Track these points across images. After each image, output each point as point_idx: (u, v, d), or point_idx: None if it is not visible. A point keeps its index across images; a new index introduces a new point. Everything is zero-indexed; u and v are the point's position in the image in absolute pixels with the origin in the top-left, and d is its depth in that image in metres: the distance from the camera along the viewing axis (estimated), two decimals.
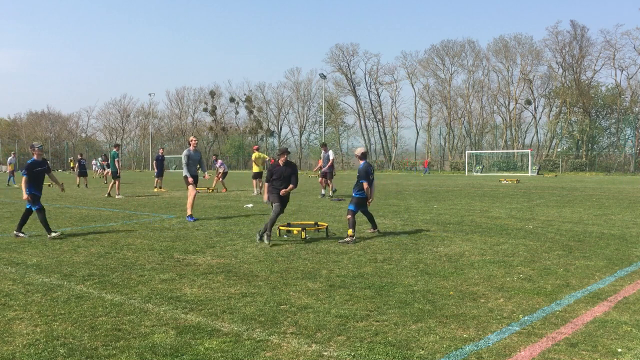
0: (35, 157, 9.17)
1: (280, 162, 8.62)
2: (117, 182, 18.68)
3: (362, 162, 8.95)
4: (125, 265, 6.70)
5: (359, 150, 9.17)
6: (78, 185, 25.54)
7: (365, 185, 8.76)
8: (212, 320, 4.49)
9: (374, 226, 9.36)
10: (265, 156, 19.98)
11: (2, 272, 6.34)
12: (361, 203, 8.92)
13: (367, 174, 8.78)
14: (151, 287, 5.59)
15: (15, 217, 12.14)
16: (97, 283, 5.79)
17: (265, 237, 8.25)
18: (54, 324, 4.40)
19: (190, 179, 11.52)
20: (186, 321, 4.46)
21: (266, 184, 8.70)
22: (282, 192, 8.51)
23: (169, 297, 5.19)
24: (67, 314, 4.65)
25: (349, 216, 8.58)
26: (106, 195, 18.77)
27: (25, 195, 9.01)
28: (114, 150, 19.04)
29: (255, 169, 19.32)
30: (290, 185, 8.58)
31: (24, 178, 9.04)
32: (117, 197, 18.38)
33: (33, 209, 9.09)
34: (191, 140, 11.81)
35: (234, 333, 4.17)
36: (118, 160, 18.69)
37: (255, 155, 19.38)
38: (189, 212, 11.42)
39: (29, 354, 3.73)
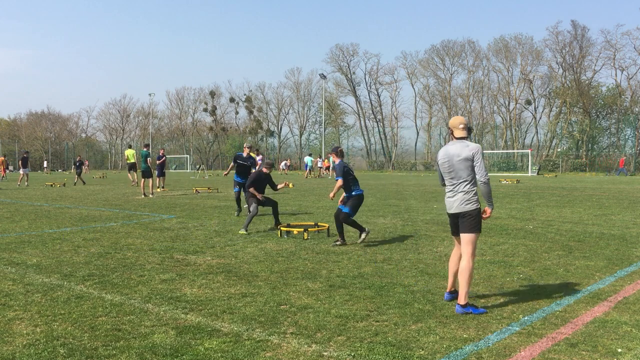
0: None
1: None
2: (150, 181, 18.95)
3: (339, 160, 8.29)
4: (125, 265, 6.71)
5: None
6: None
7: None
8: (212, 320, 4.49)
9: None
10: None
11: (2, 272, 6.34)
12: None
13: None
14: (151, 287, 5.59)
15: (15, 217, 12.14)
16: (97, 283, 5.79)
17: None
18: (54, 324, 4.40)
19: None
20: (186, 321, 4.46)
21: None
22: None
23: (169, 297, 5.19)
24: (67, 314, 4.65)
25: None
26: (143, 195, 18.55)
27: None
28: (145, 149, 19.37)
29: None
30: None
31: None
32: (150, 195, 18.63)
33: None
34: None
35: (234, 333, 4.17)
36: (150, 160, 19.09)
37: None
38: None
39: (29, 354, 3.73)
